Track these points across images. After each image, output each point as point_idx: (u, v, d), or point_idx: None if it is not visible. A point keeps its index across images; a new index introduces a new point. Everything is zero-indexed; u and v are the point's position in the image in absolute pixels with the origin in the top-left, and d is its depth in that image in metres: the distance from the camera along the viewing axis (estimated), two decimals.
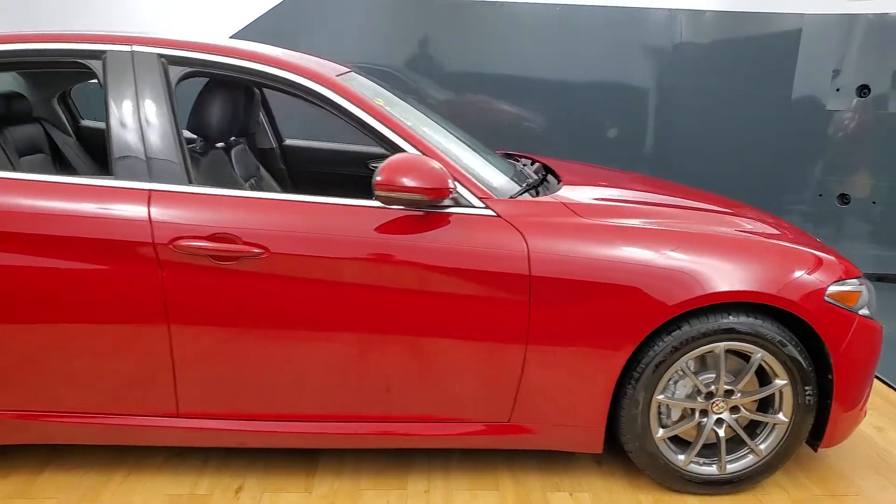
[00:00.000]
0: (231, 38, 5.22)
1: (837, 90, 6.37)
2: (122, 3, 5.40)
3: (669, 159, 5.77)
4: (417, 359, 2.19)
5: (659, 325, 2.19)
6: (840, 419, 2.34)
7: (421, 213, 2.15)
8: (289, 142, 3.62)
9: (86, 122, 3.54)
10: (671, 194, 2.78)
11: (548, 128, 5.42)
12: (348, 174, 3.65)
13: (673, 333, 2.22)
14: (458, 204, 2.18)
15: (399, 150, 2.20)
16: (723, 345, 2.24)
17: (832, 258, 2.36)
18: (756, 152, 6.12)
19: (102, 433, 2.24)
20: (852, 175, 6.29)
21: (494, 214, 2.18)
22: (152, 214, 2.05)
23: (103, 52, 2.20)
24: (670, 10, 6.12)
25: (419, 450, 2.55)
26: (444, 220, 2.15)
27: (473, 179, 2.23)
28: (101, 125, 3.58)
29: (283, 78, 2.21)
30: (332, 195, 2.14)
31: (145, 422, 2.22)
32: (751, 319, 2.23)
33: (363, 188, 3.58)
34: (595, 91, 5.48)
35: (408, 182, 2.00)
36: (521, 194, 2.35)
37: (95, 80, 3.06)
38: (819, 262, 2.30)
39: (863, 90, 6.32)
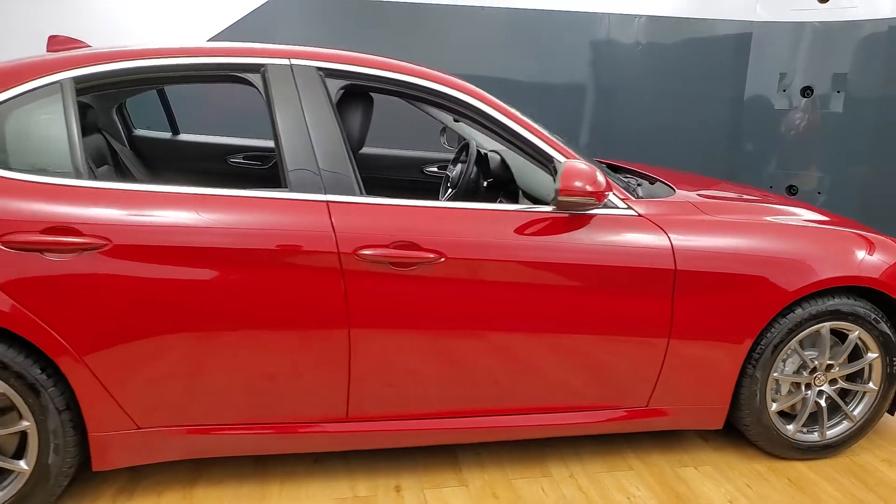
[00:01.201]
0: (211, 39, 5.21)
1: (784, 91, 6.98)
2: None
3: (632, 156, 6.16)
4: (574, 353, 2.34)
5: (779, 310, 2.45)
6: None
7: (567, 216, 2.31)
8: None
9: (138, 132, 3.45)
10: (745, 192, 3.05)
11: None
12: (404, 178, 3.73)
13: (788, 317, 2.48)
14: (604, 206, 2.34)
15: (547, 157, 2.34)
16: (828, 325, 2.53)
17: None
18: (712, 148, 6.63)
19: (277, 443, 2.26)
20: (799, 168, 6.90)
21: (636, 214, 2.37)
22: (335, 225, 2.11)
23: (262, 65, 2.22)
24: (634, 15, 6.53)
25: (543, 439, 2.70)
26: (587, 220, 2.32)
27: (616, 182, 2.41)
28: (154, 135, 3.51)
29: (439, 91, 2.31)
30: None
31: (316, 428, 2.26)
32: (850, 301, 2.53)
33: (419, 192, 3.68)
34: (556, 91, 5.80)
35: (581, 187, 2.16)
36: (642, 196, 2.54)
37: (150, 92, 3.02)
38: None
39: (806, 91, 6.95)
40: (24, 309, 1.92)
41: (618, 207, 2.37)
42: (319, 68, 2.25)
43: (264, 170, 3.56)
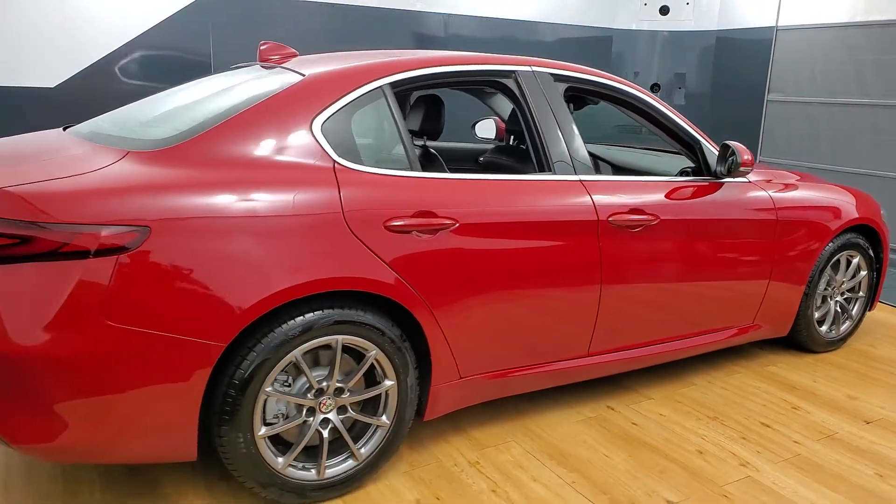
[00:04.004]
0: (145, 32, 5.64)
1: None
2: None
3: None
4: (721, 289, 3.14)
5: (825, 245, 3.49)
6: (880, 286, 3.91)
7: (707, 183, 3.11)
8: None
9: None
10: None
11: None
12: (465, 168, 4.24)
13: (827, 248, 3.53)
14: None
15: (695, 140, 3.12)
16: (845, 253, 3.64)
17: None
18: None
19: (543, 379, 2.76)
20: None
21: (747, 181, 3.25)
22: (594, 199, 2.68)
23: (514, 72, 2.71)
24: (507, 19, 7.62)
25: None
26: (721, 185, 3.14)
27: None
28: None
29: (625, 91, 2.97)
30: None
31: (564, 365, 2.80)
32: (854, 235, 3.65)
33: None
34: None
35: (749, 159, 2.97)
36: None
37: None
38: (868, 196, 3.82)
39: (654, 87, 8.48)
40: (403, 280, 2.25)
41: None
42: (551, 74, 2.79)
43: None
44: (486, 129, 4.45)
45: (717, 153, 3.10)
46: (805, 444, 2.78)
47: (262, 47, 2.80)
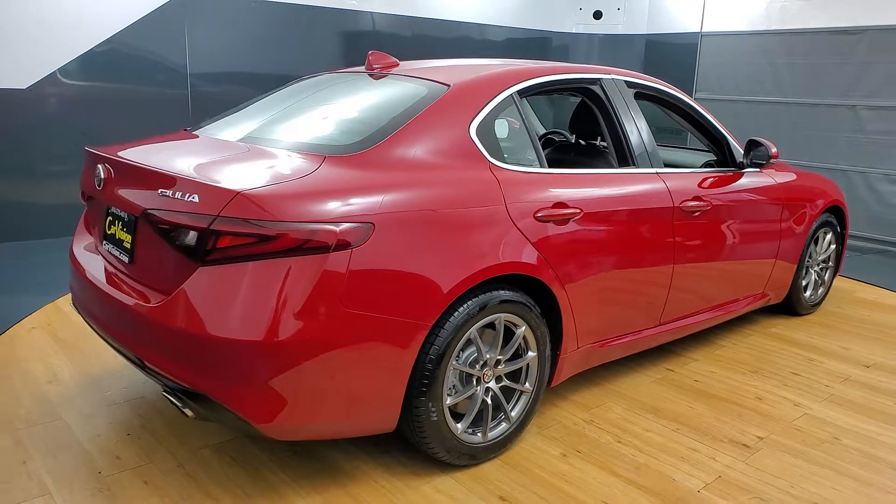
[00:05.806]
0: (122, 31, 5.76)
1: None
2: None
3: None
4: (747, 263, 3.70)
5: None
6: (843, 257, 4.66)
7: (730, 173, 3.66)
8: None
9: None
10: None
11: None
12: None
13: (813, 226, 4.19)
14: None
15: (724, 136, 3.65)
16: (823, 229, 4.32)
17: None
18: None
19: (628, 347, 3.17)
20: None
21: (758, 171, 3.82)
22: (668, 187, 3.13)
23: (599, 79, 3.11)
24: (479, 24, 8.11)
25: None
26: (742, 175, 3.70)
27: None
28: None
29: (676, 96, 3.45)
30: None
31: (643, 334, 3.24)
32: (829, 215, 4.35)
33: None
34: None
35: (776, 153, 3.53)
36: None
37: None
38: (833, 181, 4.54)
39: None
40: (547, 263, 2.59)
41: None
42: (625, 81, 3.21)
43: None
44: (500, 129, 4.81)
45: (741, 148, 3.65)
46: (833, 385, 3.37)
47: (370, 56, 3.03)
